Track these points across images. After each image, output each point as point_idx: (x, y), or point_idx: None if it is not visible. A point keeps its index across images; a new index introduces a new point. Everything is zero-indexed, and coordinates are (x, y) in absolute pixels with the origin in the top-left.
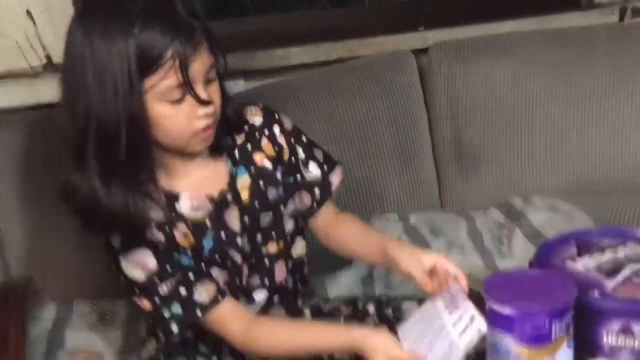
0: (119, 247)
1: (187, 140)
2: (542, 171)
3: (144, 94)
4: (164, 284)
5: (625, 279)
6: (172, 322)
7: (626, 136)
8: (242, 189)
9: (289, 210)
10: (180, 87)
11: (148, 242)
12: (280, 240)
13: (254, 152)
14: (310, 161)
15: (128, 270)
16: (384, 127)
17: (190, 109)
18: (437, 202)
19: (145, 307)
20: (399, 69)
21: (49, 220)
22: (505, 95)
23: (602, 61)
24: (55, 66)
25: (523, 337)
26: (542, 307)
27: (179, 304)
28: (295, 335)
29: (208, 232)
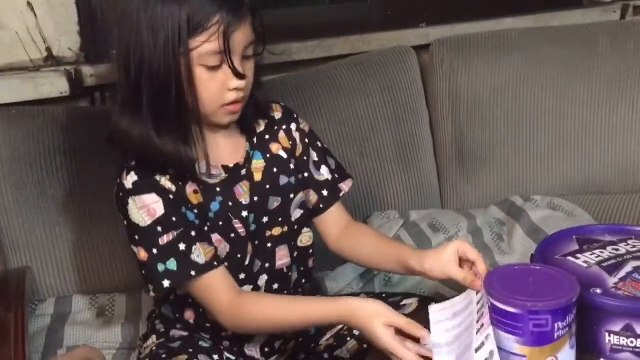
0: (130, 188)
1: (215, 110)
2: (544, 170)
3: (189, 53)
4: (165, 235)
5: (627, 275)
6: (164, 277)
7: (628, 135)
8: (256, 170)
9: (297, 199)
10: (219, 54)
11: (159, 190)
12: (285, 225)
13: (270, 142)
14: (323, 165)
15: (133, 213)
16: (385, 125)
17: (224, 79)
18: (438, 200)
19: (141, 257)
20: (400, 65)
21: (47, 214)
22: (507, 92)
23: (604, 59)
24: (55, 58)
25: (525, 336)
26: (545, 305)
27: (174, 260)
28: (283, 305)
29: (217, 196)
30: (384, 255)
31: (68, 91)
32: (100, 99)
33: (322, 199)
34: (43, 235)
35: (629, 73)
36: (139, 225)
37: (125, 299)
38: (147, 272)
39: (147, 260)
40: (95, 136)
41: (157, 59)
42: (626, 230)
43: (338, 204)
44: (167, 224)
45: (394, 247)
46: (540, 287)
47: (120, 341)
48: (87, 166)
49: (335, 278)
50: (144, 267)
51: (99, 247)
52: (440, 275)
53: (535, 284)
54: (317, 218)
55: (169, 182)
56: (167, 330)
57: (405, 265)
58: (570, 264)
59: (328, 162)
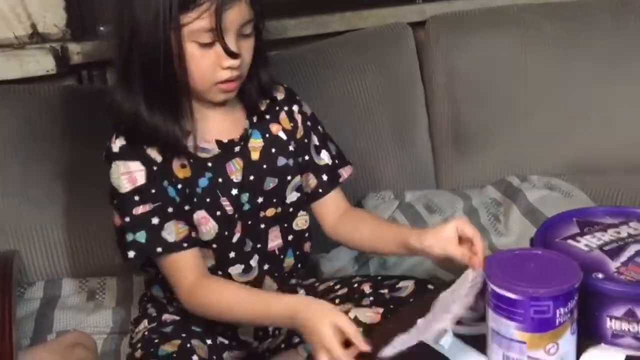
0: (117, 152)
1: (208, 87)
2: (541, 150)
3: (181, 29)
4: (142, 206)
5: (629, 259)
6: (131, 247)
7: (628, 115)
8: (254, 149)
9: (294, 182)
10: (211, 32)
11: (145, 159)
12: (279, 207)
13: (271, 122)
14: (324, 150)
15: (115, 177)
16: (380, 103)
17: (216, 57)
18: (433, 180)
19: (116, 222)
20: (395, 43)
21: (35, 196)
22: (504, 70)
23: (604, 36)
24: (40, 35)
25: (526, 323)
26: (547, 292)
27: (144, 233)
28: (236, 296)
29: (206, 172)
30: (383, 238)
31: (54, 69)
32: (87, 77)
33: (322, 183)
34: (31, 218)
35: (630, 50)
36: (118, 190)
37: (116, 283)
38: (118, 239)
39: (119, 227)
40: (84, 115)
41: (146, 32)
42: (627, 213)
43: (337, 190)
44: (146, 195)
45: (393, 229)
46: (542, 272)
47: (112, 326)
48: (75, 146)
49: (331, 260)
50: (117, 232)
51: (88, 229)
52: (439, 252)
53: (536, 270)
54: (316, 203)
55: (156, 152)
56: (159, 314)
57: (405, 244)
58: (571, 247)
59: (329, 147)
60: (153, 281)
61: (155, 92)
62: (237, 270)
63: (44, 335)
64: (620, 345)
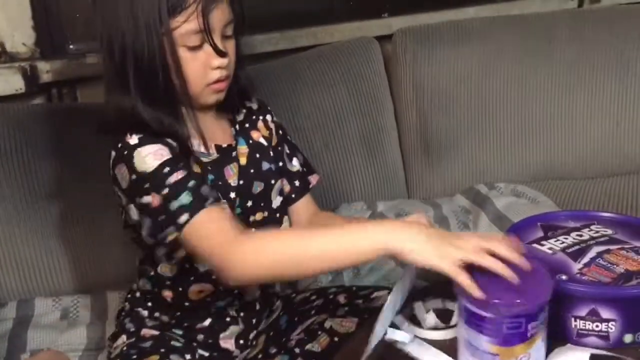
0: (136, 143)
1: (200, 90)
2: (507, 158)
3: (171, 34)
4: (174, 174)
5: (591, 260)
6: (180, 213)
7: (588, 122)
8: (241, 155)
9: (277, 186)
10: (199, 34)
11: (165, 142)
12: (266, 211)
13: (251, 129)
14: (294, 158)
15: (139, 162)
16: (349, 116)
17: (206, 58)
18: (404, 190)
19: (154, 204)
20: (363, 56)
21: (5, 215)
22: (470, 81)
23: (563, 47)
24: (9, 54)
25: (498, 337)
26: (520, 310)
27: (187, 193)
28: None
29: (209, 175)
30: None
31: (23, 88)
32: (57, 95)
33: (295, 189)
34: (2, 237)
35: (588, 60)
36: (146, 172)
37: (90, 301)
38: (165, 217)
39: (161, 204)
40: (54, 134)
41: (140, 44)
42: (589, 216)
43: (308, 195)
44: (175, 165)
45: (358, 221)
46: (513, 284)
47: (86, 342)
48: (45, 165)
49: None
50: (160, 212)
51: (60, 247)
52: None
53: (508, 282)
54: (290, 208)
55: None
56: (138, 329)
57: None
58: (536, 251)
59: (297, 156)
60: (143, 274)
61: (156, 98)
62: None
63: (17, 355)
64: (586, 344)
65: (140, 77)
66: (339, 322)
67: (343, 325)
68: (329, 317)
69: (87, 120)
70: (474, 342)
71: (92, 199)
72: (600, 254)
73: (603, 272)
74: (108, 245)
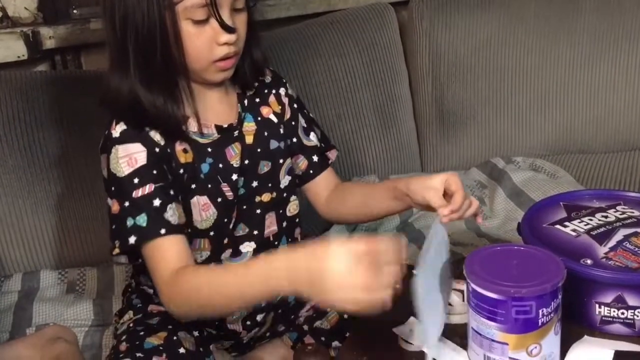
0: (117, 137)
1: (205, 66)
2: (526, 130)
3: (174, 7)
4: (141, 188)
5: (618, 243)
6: (131, 233)
7: (611, 93)
8: (247, 133)
9: (286, 165)
10: (205, 8)
11: (147, 141)
12: (274, 192)
13: (261, 105)
14: (312, 132)
15: (113, 163)
16: (363, 86)
17: (212, 34)
18: (418, 163)
19: (114, 210)
20: (378, 24)
21: (10, 186)
22: (489, 50)
23: (587, 16)
24: (11, 20)
25: (508, 323)
26: (529, 292)
27: (145, 215)
28: (219, 270)
29: (207, 157)
30: (374, 194)
31: (26, 55)
32: (61, 62)
33: (312, 164)
34: (6, 209)
35: (612, 30)
36: (116, 175)
37: (96, 274)
38: (116, 227)
39: (118, 214)
40: (58, 102)
41: (140, 13)
42: (615, 196)
43: (329, 169)
44: (146, 176)
45: (384, 182)
46: (524, 270)
47: (93, 318)
48: (49, 134)
49: None
50: (114, 221)
51: (66, 219)
52: (420, 200)
53: (518, 267)
54: (308, 184)
55: (159, 136)
56: (144, 305)
57: (394, 191)
58: (559, 233)
59: (315, 130)
60: (141, 269)
61: (153, 75)
62: (226, 255)
63: (23, 329)
64: (610, 332)
65: (139, 51)
66: None
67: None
68: None
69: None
70: (482, 331)
71: (97, 170)
72: (628, 237)
73: (630, 256)
74: None
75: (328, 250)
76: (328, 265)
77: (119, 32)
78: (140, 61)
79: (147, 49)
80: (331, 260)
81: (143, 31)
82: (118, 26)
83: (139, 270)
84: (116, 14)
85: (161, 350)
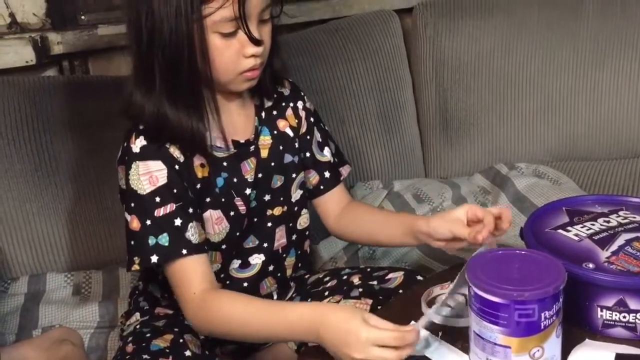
0: (137, 152)
1: (232, 78)
2: (529, 137)
3: (203, 20)
4: (163, 207)
5: (619, 248)
6: (154, 252)
7: (613, 100)
8: (263, 147)
9: (298, 179)
10: (234, 21)
11: (167, 158)
12: (286, 205)
13: (278, 118)
14: (326, 147)
15: (134, 179)
16: (367, 91)
17: (240, 46)
18: (422, 168)
19: (133, 226)
20: (382, 31)
21: (17, 190)
22: (492, 57)
23: (590, 23)
24: (19, 25)
25: (510, 327)
26: (532, 295)
27: (167, 235)
28: (253, 305)
29: (222, 172)
30: (388, 227)
31: (34, 60)
32: (69, 68)
33: (324, 180)
34: (13, 212)
35: (615, 37)
36: (137, 192)
37: (102, 277)
38: (136, 244)
39: (139, 231)
40: (66, 107)
41: (168, 27)
42: (617, 201)
43: (340, 186)
44: (167, 195)
45: (399, 215)
46: (526, 273)
47: (98, 320)
48: (57, 139)
49: (319, 251)
50: (134, 237)
51: (73, 223)
52: (446, 234)
53: (520, 271)
54: (319, 199)
55: (179, 151)
56: (152, 307)
57: (411, 229)
58: (561, 237)
59: (330, 145)
60: (151, 279)
61: (178, 88)
62: (234, 266)
63: (29, 331)
64: (611, 335)
65: (165, 65)
66: (353, 304)
67: (357, 307)
68: (343, 298)
69: (99, 94)
70: (485, 334)
71: (104, 175)
72: (629, 242)
73: (632, 260)
74: (120, 221)
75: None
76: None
77: (145, 47)
78: (166, 75)
79: (173, 63)
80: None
81: (170, 45)
82: (145, 40)
83: (148, 276)
84: (143, 29)
85: (167, 353)
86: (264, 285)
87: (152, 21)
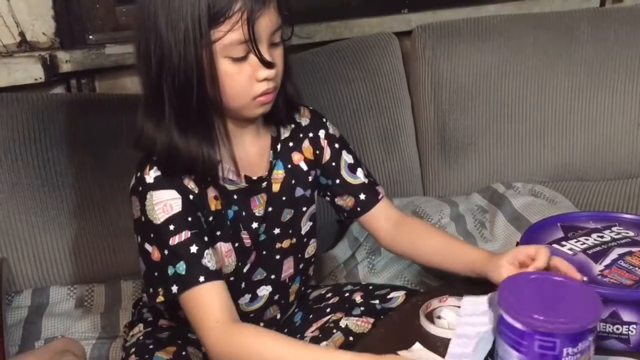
0: (151, 183)
1: (245, 104)
2: (525, 157)
3: (212, 45)
4: (177, 235)
5: (613, 262)
6: (173, 281)
7: (608, 122)
8: (275, 181)
9: (309, 212)
10: (244, 44)
11: (181, 188)
12: (295, 238)
13: (294, 151)
14: (358, 169)
15: (149, 210)
16: (367, 112)
17: (252, 70)
18: (420, 187)
19: (155, 257)
20: (382, 52)
21: (24, 204)
22: (489, 79)
23: (584, 46)
24: (29, 44)
25: (529, 356)
26: (554, 327)
27: (184, 263)
28: (283, 346)
29: (233, 205)
30: (452, 257)
31: (43, 78)
32: (76, 85)
33: (359, 202)
34: (19, 226)
35: (609, 60)
36: (153, 222)
37: (104, 289)
38: (158, 275)
39: (160, 262)
40: (72, 124)
41: (177, 55)
42: (610, 217)
43: (383, 202)
44: (182, 223)
45: (461, 248)
46: (559, 303)
47: (100, 331)
48: (63, 155)
49: (319, 263)
50: (156, 268)
51: (77, 237)
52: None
53: (553, 299)
54: (363, 218)
55: (193, 183)
56: (155, 319)
57: (472, 265)
58: (556, 251)
59: (362, 167)
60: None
61: (188, 116)
62: (245, 300)
63: (31, 342)
64: (605, 347)
65: (175, 93)
66: (354, 322)
67: (359, 325)
68: (345, 316)
69: (105, 111)
70: (504, 358)
71: (108, 190)
72: (622, 256)
73: (625, 274)
74: (123, 235)
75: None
76: None
77: (155, 75)
78: (176, 103)
79: (183, 90)
80: None
81: (179, 72)
82: (154, 70)
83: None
84: (152, 57)
85: None
86: (268, 313)
87: (161, 48)
